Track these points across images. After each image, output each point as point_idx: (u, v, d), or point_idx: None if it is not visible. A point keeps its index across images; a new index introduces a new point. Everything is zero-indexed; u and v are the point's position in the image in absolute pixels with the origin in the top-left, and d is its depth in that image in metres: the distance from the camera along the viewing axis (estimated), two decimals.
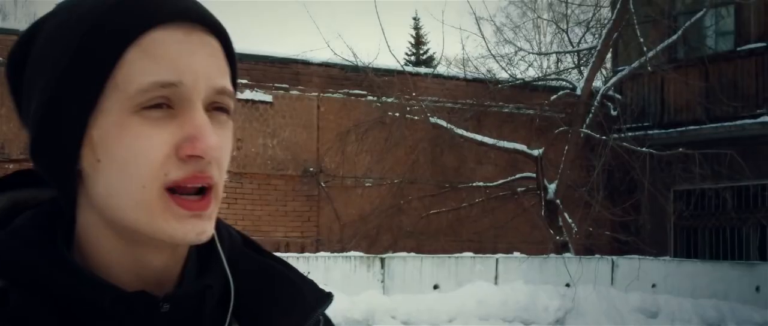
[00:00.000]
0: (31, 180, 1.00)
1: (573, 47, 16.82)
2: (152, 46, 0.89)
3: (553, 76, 15.94)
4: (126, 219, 0.90)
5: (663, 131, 16.25)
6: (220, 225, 1.01)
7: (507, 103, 15.79)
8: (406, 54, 37.01)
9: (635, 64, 14.77)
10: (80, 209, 0.95)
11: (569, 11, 16.56)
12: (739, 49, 15.50)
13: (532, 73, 18.38)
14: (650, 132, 16.19)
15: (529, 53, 16.06)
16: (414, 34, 36.39)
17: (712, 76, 15.71)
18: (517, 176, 14.68)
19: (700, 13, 14.96)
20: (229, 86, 0.93)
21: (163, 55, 0.88)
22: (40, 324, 0.88)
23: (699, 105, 15.64)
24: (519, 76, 16.59)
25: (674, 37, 14.90)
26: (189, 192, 0.89)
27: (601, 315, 12.66)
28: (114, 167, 0.89)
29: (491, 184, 15.03)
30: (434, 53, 35.37)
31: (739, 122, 15.13)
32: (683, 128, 15.92)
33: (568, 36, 16.70)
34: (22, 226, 0.94)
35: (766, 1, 14.93)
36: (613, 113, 15.70)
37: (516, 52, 16.24)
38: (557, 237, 13.18)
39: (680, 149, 14.14)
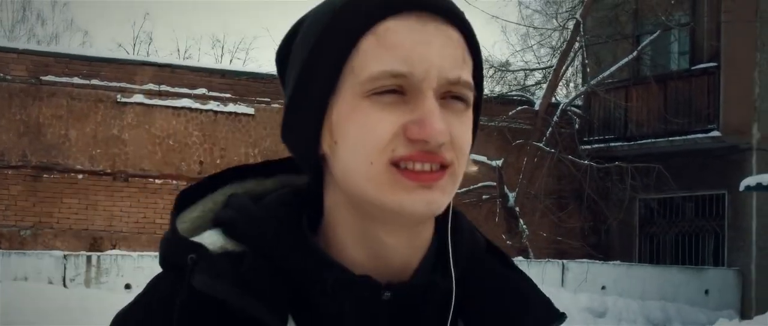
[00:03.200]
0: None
1: (537, 64, 17.81)
2: (386, 35, 0.89)
3: (515, 92, 16.92)
4: (359, 194, 0.91)
5: (626, 144, 17.12)
6: (464, 226, 1.03)
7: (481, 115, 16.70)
8: None
9: (583, 87, 15.82)
10: (326, 191, 0.97)
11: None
12: (693, 68, 16.47)
13: (530, 81, 19.08)
14: (613, 144, 17.14)
15: (498, 70, 17.04)
16: None
17: (669, 92, 16.64)
18: (479, 185, 15.71)
19: (653, 36, 15.96)
20: (464, 77, 0.91)
21: (395, 45, 0.89)
22: (266, 290, 0.91)
23: (656, 120, 16.60)
24: (499, 90, 17.56)
25: (627, 59, 15.90)
26: (420, 164, 0.89)
27: None
28: (347, 147, 0.90)
29: (457, 191, 15.99)
30: None
31: (691, 136, 16.06)
32: (643, 141, 16.78)
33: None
34: (270, 201, 0.98)
35: (717, 25, 15.87)
36: (577, 127, 16.71)
37: (488, 69, 17.21)
38: (508, 242, 14.19)
39: (616, 162, 15.13)
